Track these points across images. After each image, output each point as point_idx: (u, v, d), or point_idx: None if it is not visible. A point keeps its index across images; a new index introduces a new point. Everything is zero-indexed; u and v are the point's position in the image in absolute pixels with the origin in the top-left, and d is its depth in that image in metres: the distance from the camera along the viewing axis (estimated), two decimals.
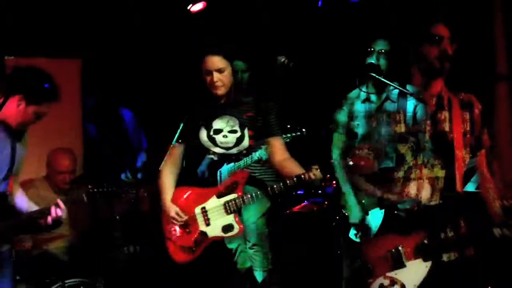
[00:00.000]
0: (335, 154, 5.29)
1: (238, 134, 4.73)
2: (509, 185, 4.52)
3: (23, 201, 4.69)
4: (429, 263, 4.06)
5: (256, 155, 4.85)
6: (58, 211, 4.51)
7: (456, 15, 5.02)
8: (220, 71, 4.66)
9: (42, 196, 5.30)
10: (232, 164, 4.77)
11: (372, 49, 5.15)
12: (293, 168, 4.65)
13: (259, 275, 4.97)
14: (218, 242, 4.73)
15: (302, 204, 6.60)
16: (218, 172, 4.80)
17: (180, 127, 5.64)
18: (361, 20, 6.34)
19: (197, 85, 4.82)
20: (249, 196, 4.62)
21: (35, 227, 4.80)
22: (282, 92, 5.12)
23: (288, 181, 4.53)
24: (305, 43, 6.57)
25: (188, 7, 6.72)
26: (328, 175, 5.64)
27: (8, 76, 4.54)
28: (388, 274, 4.07)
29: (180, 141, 4.85)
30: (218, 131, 4.74)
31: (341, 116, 5.28)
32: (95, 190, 4.85)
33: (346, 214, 5.15)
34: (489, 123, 4.28)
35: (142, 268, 5.63)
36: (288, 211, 6.22)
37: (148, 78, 7.29)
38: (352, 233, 4.54)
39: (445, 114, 4.17)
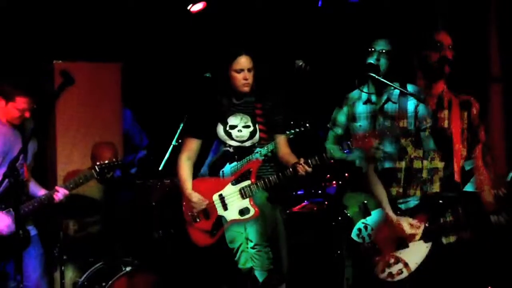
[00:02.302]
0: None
1: (251, 129, 4.84)
2: (501, 176, 4.62)
3: (34, 187, 5.10)
4: (429, 244, 4.16)
5: (254, 156, 4.85)
6: (59, 195, 4.92)
7: (454, 23, 5.10)
8: (249, 70, 4.76)
9: (88, 185, 5.40)
10: (234, 163, 4.86)
11: (373, 49, 4.95)
12: (293, 160, 4.74)
13: (260, 275, 4.89)
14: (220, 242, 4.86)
15: (302, 204, 6.36)
16: (221, 172, 4.92)
17: (180, 127, 5.71)
18: (361, 20, 6.17)
19: (215, 86, 4.95)
20: (262, 181, 4.72)
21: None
22: (285, 91, 5.11)
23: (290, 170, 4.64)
24: (305, 43, 6.41)
25: (188, 7, 6.53)
26: (328, 175, 5.70)
27: None
28: (393, 253, 4.19)
29: (196, 135, 4.92)
30: (233, 127, 4.85)
31: (340, 116, 5.14)
32: (102, 165, 5.05)
33: (348, 214, 4.95)
34: (485, 120, 4.36)
35: (175, 248, 5.65)
36: (288, 211, 6.01)
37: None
38: (354, 233, 4.44)
39: (445, 113, 4.24)
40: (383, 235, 4.21)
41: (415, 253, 4.18)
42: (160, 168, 5.93)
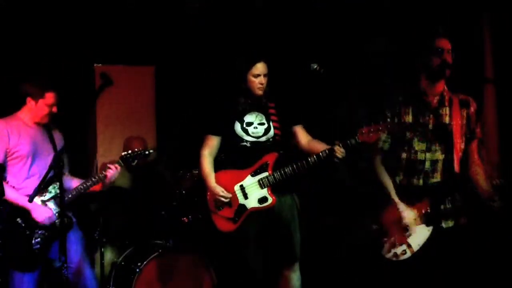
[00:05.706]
0: None
1: (266, 125, 4.85)
2: (495, 167, 4.73)
3: (69, 180, 5.05)
4: (430, 228, 4.26)
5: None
6: (111, 171, 4.96)
7: (452, 30, 5.11)
8: (265, 75, 4.79)
9: (121, 173, 5.38)
10: None
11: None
12: (320, 145, 4.70)
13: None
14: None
15: None
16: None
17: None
18: (360, 20, 5.92)
19: (233, 88, 4.88)
20: (278, 173, 4.72)
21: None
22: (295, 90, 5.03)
23: (321, 154, 4.56)
24: (304, 42, 6.20)
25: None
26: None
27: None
28: (398, 235, 4.26)
29: (217, 133, 4.89)
30: (249, 124, 4.85)
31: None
32: (127, 155, 5.08)
33: None
34: (481, 118, 4.43)
35: (204, 232, 5.56)
36: None
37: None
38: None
39: (446, 110, 4.31)
40: (391, 219, 4.29)
41: (418, 236, 4.27)
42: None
